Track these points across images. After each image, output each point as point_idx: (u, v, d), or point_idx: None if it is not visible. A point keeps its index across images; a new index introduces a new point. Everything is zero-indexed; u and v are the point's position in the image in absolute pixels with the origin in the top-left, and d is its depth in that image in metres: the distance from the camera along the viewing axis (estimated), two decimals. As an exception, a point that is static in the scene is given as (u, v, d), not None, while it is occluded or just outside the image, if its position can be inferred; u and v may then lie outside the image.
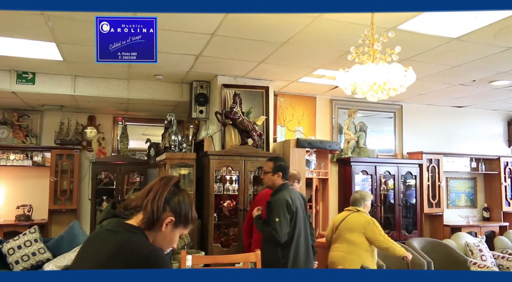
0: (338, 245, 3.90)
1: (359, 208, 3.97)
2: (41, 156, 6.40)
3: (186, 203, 1.54)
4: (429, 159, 6.32)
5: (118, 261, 1.38)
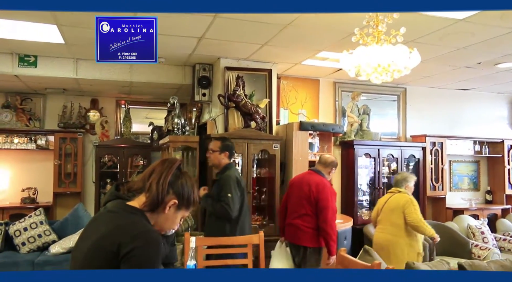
0: (382, 227, 4.10)
1: (400, 189, 4.13)
2: (44, 140, 6.42)
3: (189, 186, 1.57)
4: (432, 142, 6.31)
5: (111, 238, 1.40)
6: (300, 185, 3.84)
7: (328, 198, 3.71)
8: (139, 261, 1.36)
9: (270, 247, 4.36)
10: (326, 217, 3.65)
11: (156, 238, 1.43)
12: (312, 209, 3.72)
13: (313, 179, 3.80)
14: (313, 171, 3.93)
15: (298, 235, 3.76)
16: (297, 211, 3.79)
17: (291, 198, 3.90)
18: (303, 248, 3.75)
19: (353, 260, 2.56)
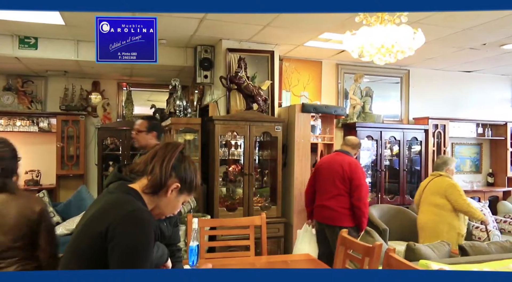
0: (424, 208, 4.28)
1: (441, 173, 4.30)
2: (47, 122, 6.43)
3: (191, 170, 1.56)
4: (435, 125, 6.28)
5: (101, 218, 1.40)
6: (331, 166, 3.94)
7: (361, 176, 3.87)
8: (128, 243, 1.35)
9: (272, 228, 4.40)
10: (360, 195, 3.79)
11: (146, 218, 1.41)
12: (346, 188, 3.83)
13: (344, 159, 3.92)
14: (341, 152, 4.05)
15: (333, 216, 3.85)
16: (329, 192, 3.89)
17: (321, 180, 3.99)
18: (339, 228, 3.73)
19: (354, 241, 2.58)
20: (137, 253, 1.36)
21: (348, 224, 3.78)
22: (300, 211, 4.63)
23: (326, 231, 3.92)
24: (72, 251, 1.44)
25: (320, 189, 3.99)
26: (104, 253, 1.36)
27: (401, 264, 2.10)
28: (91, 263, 1.39)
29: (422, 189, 4.37)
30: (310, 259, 2.84)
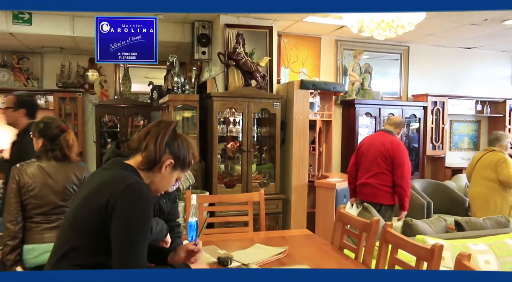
0: (476, 181, 4.60)
1: (494, 148, 4.57)
2: (44, 100, 6.38)
3: (185, 147, 1.59)
4: (434, 102, 6.27)
5: (100, 192, 1.42)
6: (373, 145, 4.06)
7: (403, 155, 3.94)
8: (128, 215, 1.38)
9: (270, 204, 4.44)
10: (402, 173, 3.88)
11: (146, 191, 1.44)
12: (388, 167, 3.93)
13: (387, 139, 4.02)
14: (384, 131, 4.16)
15: (374, 193, 3.97)
16: (371, 170, 4.00)
17: (363, 158, 4.11)
18: (379, 206, 3.93)
19: (352, 217, 2.61)
20: (137, 224, 1.39)
21: (388, 202, 3.94)
22: (298, 187, 4.66)
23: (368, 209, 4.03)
24: (71, 225, 1.46)
25: (362, 168, 4.11)
26: (105, 226, 1.38)
27: (398, 239, 2.13)
28: (92, 236, 1.41)
29: (475, 163, 4.65)
30: (308, 235, 2.87)
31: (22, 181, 2.32)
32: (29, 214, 2.35)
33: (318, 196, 4.81)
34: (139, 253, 1.38)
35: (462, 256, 1.70)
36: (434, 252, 1.86)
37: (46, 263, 1.49)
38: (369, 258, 2.28)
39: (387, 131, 4.14)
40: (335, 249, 2.52)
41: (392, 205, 3.98)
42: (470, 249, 2.63)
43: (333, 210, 4.51)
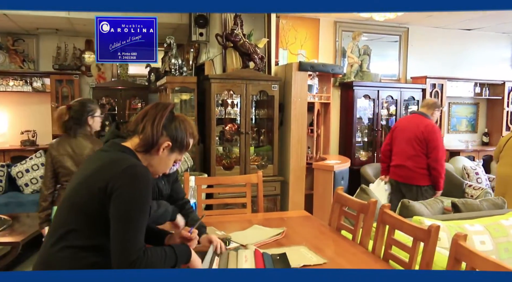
0: (504, 161, 4.63)
1: None
2: (40, 82, 6.34)
3: (182, 129, 1.59)
4: (432, 84, 6.24)
5: (99, 175, 1.42)
6: (408, 128, 4.16)
7: (438, 138, 4.05)
8: (127, 197, 1.38)
9: (268, 186, 4.46)
10: (437, 156, 3.99)
11: (144, 173, 1.44)
12: (422, 149, 4.03)
13: (421, 122, 4.10)
14: (419, 114, 4.25)
15: (410, 175, 4.10)
16: (406, 153, 4.12)
17: (398, 140, 4.24)
18: (415, 187, 4.09)
19: (350, 198, 2.62)
20: (136, 206, 1.39)
21: (424, 183, 4.06)
22: (296, 169, 4.67)
23: (402, 189, 4.20)
24: (70, 206, 1.46)
25: (397, 150, 4.23)
26: (104, 208, 1.39)
27: (395, 219, 2.14)
28: (91, 218, 1.42)
29: (503, 144, 4.68)
30: (306, 216, 2.88)
31: (53, 154, 2.84)
32: (60, 181, 2.88)
33: (316, 178, 4.83)
34: (137, 234, 1.39)
35: (458, 237, 1.72)
36: (431, 233, 1.88)
37: (43, 246, 1.50)
38: (366, 239, 2.30)
39: (422, 113, 4.22)
40: (333, 230, 2.54)
41: (431, 185, 4.10)
42: (466, 230, 2.65)
43: (331, 192, 4.53)
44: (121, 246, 1.36)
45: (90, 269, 1.41)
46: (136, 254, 1.36)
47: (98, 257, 1.41)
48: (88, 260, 1.41)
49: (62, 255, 1.41)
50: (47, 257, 1.44)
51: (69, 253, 1.41)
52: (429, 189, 4.09)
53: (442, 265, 1.94)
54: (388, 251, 2.09)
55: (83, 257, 1.41)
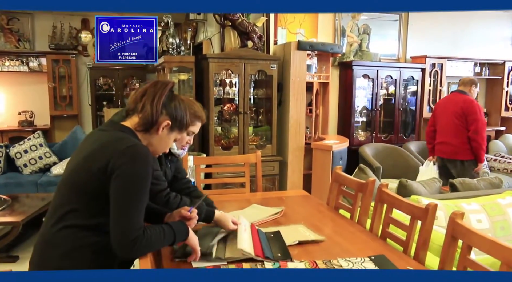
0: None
1: None
2: (37, 63, 6.28)
3: (182, 108, 1.58)
4: (432, 64, 6.20)
5: (99, 155, 1.41)
6: (448, 105, 4.36)
7: (477, 111, 4.19)
8: (128, 175, 1.38)
9: (267, 166, 4.47)
10: (477, 128, 4.15)
11: (144, 152, 1.43)
12: (463, 124, 4.22)
13: (460, 98, 4.29)
14: (457, 92, 4.41)
15: (453, 150, 4.30)
16: (448, 129, 4.32)
17: (440, 119, 4.44)
18: (459, 162, 4.29)
19: (348, 178, 2.63)
20: (137, 185, 1.39)
21: (467, 157, 4.24)
22: (294, 149, 4.68)
23: (448, 165, 4.37)
24: (70, 186, 1.46)
25: (439, 128, 4.44)
26: (105, 187, 1.39)
27: (393, 198, 2.15)
28: (92, 198, 1.41)
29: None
30: (304, 195, 2.90)
31: None
32: None
33: (315, 158, 4.84)
34: (138, 213, 1.39)
35: (455, 215, 1.73)
36: (428, 211, 1.89)
37: (43, 225, 1.50)
38: (364, 218, 2.32)
39: (460, 91, 4.37)
40: (331, 209, 2.56)
41: (474, 160, 4.25)
42: (463, 209, 2.68)
43: (329, 172, 4.55)
44: (122, 225, 1.36)
45: (90, 248, 1.42)
46: (136, 232, 1.37)
47: (99, 236, 1.41)
48: (89, 239, 1.42)
49: (63, 234, 1.42)
50: (48, 237, 1.45)
51: (70, 233, 1.41)
52: (472, 163, 4.25)
53: (439, 243, 1.96)
54: (385, 230, 2.11)
55: (84, 236, 1.42)
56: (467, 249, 1.63)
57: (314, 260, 1.71)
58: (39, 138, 5.28)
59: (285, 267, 1.65)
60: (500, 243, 1.50)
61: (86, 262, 1.42)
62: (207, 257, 1.69)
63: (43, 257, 1.44)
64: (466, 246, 1.64)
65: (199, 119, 1.75)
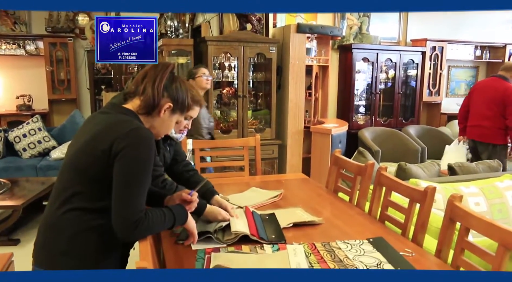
0: None
1: None
2: (34, 46, 6.21)
3: (183, 90, 1.56)
4: (432, 47, 6.16)
5: (102, 137, 1.40)
6: (487, 90, 4.33)
7: None
8: (132, 158, 1.37)
9: (266, 150, 4.47)
10: None
11: (148, 136, 1.43)
12: (500, 111, 4.22)
13: (501, 85, 4.25)
14: (498, 77, 4.36)
15: (485, 134, 4.34)
16: (484, 114, 4.32)
17: (476, 102, 4.43)
18: (491, 145, 4.32)
19: (347, 161, 2.63)
20: (140, 168, 1.39)
21: (500, 142, 4.29)
22: (294, 133, 4.68)
23: (479, 148, 4.43)
24: (74, 169, 1.45)
25: (474, 111, 4.44)
26: (109, 170, 1.38)
27: (392, 181, 2.16)
28: (96, 181, 1.41)
29: None
30: (303, 178, 2.91)
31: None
32: None
33: (314, 141, 4.84)
34: (140, 196, 1.39)
35: (454, 197, 1.73)
36: (427, 194, 1.90)
37: (47, 208, 1.50)
38: (363, 201, 2.33)
39: (501, 76, 4.33)
40: (330, 192, 2.57)
41: (505, 145, 4.30)
42: (462, 192, 2.69)
43: (329, 155, 4.56)
44: (124, 207, 1.36)
45: (96, 230, 1.43)
46: (138, 215, 1.37)
47: (103, 219, 1.41)
48: (94, 222, 1.42)
49: (68, 217, 1.42)
50: (52, 220, 1.45)
51: (75, 215, 1.42)
52: (503, 148, 4.30)
53: (437, 225, 1.97)
54: (384, 212, 2.12)
55: (89, 219, 1.42)
56: (465, 231, 1.65)
57: (313, 243, 1.73)
58: (37, 122, 5.26)
59: (284, 249, 1.66)
60: (497, 225, 1.51)
61: (92, 245, 1.43)
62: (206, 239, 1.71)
63: (49, 240, 1.45)
64: (464, 228, 1.65)
65: (197, 103, 1.74)
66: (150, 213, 1.43)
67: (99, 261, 1.44)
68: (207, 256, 1.60)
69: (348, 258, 1.59)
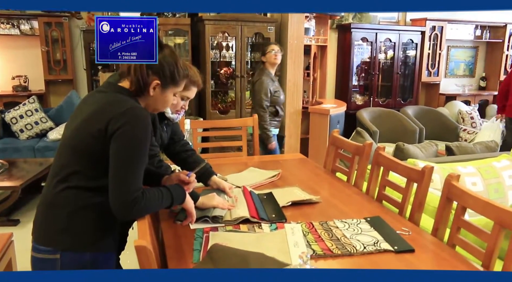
0: None
1: None
2: (28, 26, 6.12)
3: (169, 61, 1.49)
4: (432, 26, 6.09)
5: (99, 116, 1.40)
6: None
7: None
8: (128, 137, 1.37)
9: (264, 131, 4.46)
10: None
11: (144, 115, 1.42)
12: None
13: None
14: None
15: None
16: None
17: None
18: None
19: (345, 141, 2.63)
20: (136, 147, 1.39)
21: None
22: (292, 113, 4.66)
23: None
24: (71, 148, 1.45)
25: None
26: (105, 148, 1.38)
27: (390, 161, 2.16)
28: (94, 160, 1.41)
29: None
30: (301, 158, 2.91)
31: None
32: None
33: (312, 122, 4.84)
34: (137, 175, 1.39)
35: (451, 177, 1.74)
36: (425, 174, 1.90)
37: (45, 187, 1.50)
38: (361, 181, 2.34)
39: None
40: (328, 172, 2.57)
41: None
42: (459, 172, 2.70)
43: (327, 135, 4.56)
44: (121, 186, 1.36)
45: (94, 208, 1.43)
46: (135, 194, 1.37)
47: (101, 197, 1.41)
48: (93, 199, 1.43)
49: (66, 194, 1.42)
50: (50, 198, 1.45)
51: (73, 193, 1.42)
52: None
53: (434, 205, 1.98)
54: (381, 192, 2.13)
55: (88, 197, 1.43)
56: (461, 210, 1.66)
57: (311, 222, 1.74)
58: (34, 103, 5.23)
59: (281, 228, 1.67)
60: (493, 204, 1.53)
61: (90, 222, 1.44)
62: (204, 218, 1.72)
63: (48, 218, 1.45)
64: (460, 207, 1.66)
65: (195, 84, 1.72)
66: (147, 192, 1.43)
67: (97, 238, 1.45)
68: (205, 235, 1.61)
69: (346, 236, 1.60)
